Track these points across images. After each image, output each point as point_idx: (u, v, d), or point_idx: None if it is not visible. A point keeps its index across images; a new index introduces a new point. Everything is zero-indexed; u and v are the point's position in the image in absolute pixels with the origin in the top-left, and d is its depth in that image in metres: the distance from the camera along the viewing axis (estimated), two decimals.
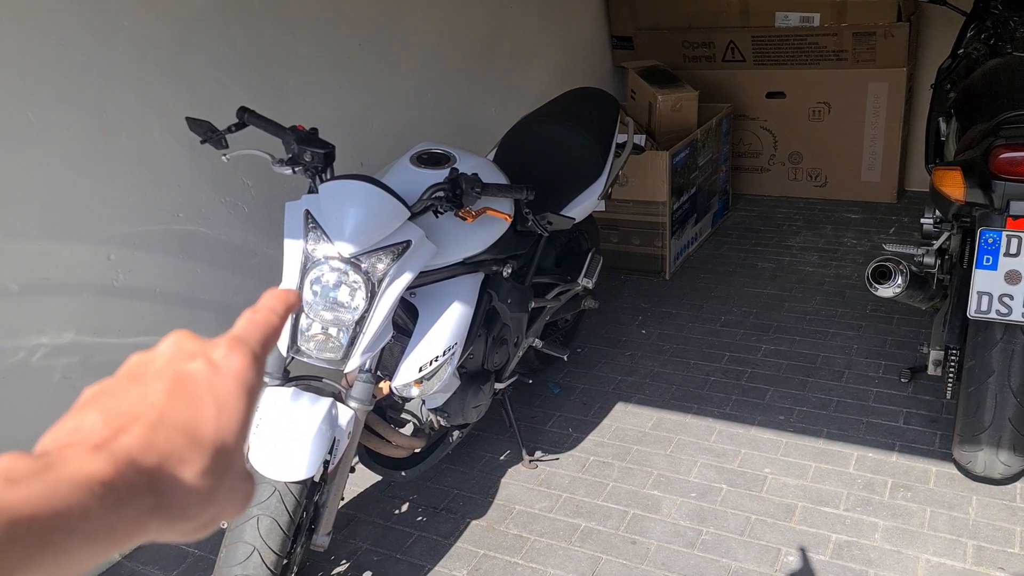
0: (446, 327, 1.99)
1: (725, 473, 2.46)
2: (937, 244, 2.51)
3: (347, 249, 1.74)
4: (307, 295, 1.76)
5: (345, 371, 1.81)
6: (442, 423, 2.33)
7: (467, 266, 2.11)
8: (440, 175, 2.00)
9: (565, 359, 2.79)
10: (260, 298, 0.50)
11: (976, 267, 2.13)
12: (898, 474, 2.39)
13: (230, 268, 2.43)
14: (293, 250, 1.78)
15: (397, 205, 1.78)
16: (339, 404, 1.82)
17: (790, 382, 2.92)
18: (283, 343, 1.80)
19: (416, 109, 3.20)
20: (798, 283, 3.70)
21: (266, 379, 1.86)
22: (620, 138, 2.91)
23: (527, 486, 2.48)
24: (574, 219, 2.40)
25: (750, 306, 3.51)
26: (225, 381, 0.45)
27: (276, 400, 1.76)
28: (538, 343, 2.65)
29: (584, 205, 2.63)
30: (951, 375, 2.37)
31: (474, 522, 2.34)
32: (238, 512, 0.46)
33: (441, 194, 1.88)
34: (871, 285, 2.35)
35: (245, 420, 0.45)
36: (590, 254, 2.83)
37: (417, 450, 2.34)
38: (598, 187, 2.67)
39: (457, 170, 1.93)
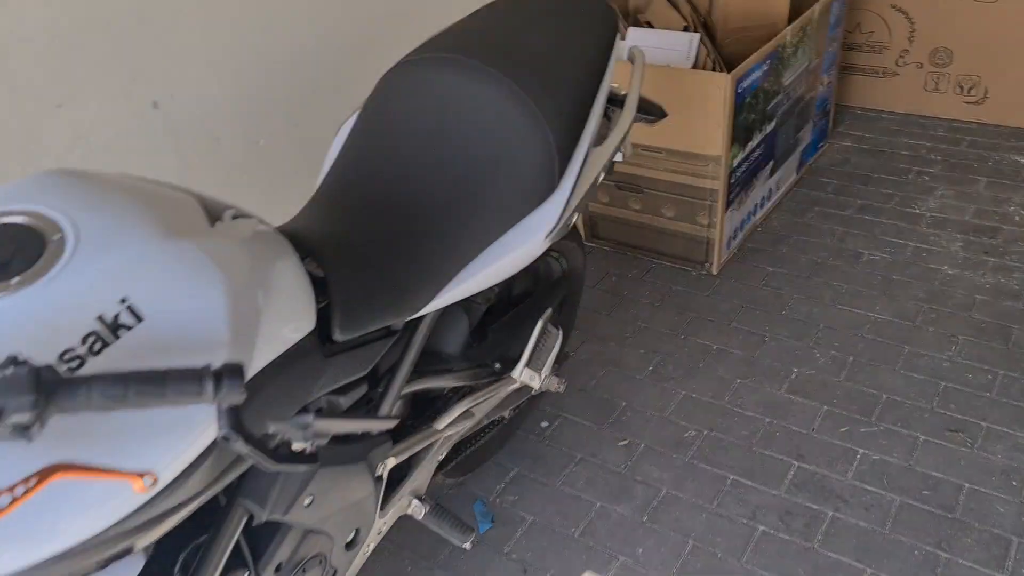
0: None
1: None
2: None
3: None
4: None
5: None
6: None
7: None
8: None
9: (467, 548, 1.52)
10: None
11: None
12: None
13: None
14: None
15: None
16: None
17: (910, 557, 1.59)
18: None
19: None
20: (927, 301, 2.26)
21: None
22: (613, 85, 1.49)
23: None
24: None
25: (843, 346, 2.12)
26: None
27: None
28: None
29: (510, 258, 1.27)
30: None
31: None
32: None
33: None
34: None
35: None
36: (541, 320, 1.50)
37: None
38: (549, 211, 1.29)
39: (17, 358, 0.63)
